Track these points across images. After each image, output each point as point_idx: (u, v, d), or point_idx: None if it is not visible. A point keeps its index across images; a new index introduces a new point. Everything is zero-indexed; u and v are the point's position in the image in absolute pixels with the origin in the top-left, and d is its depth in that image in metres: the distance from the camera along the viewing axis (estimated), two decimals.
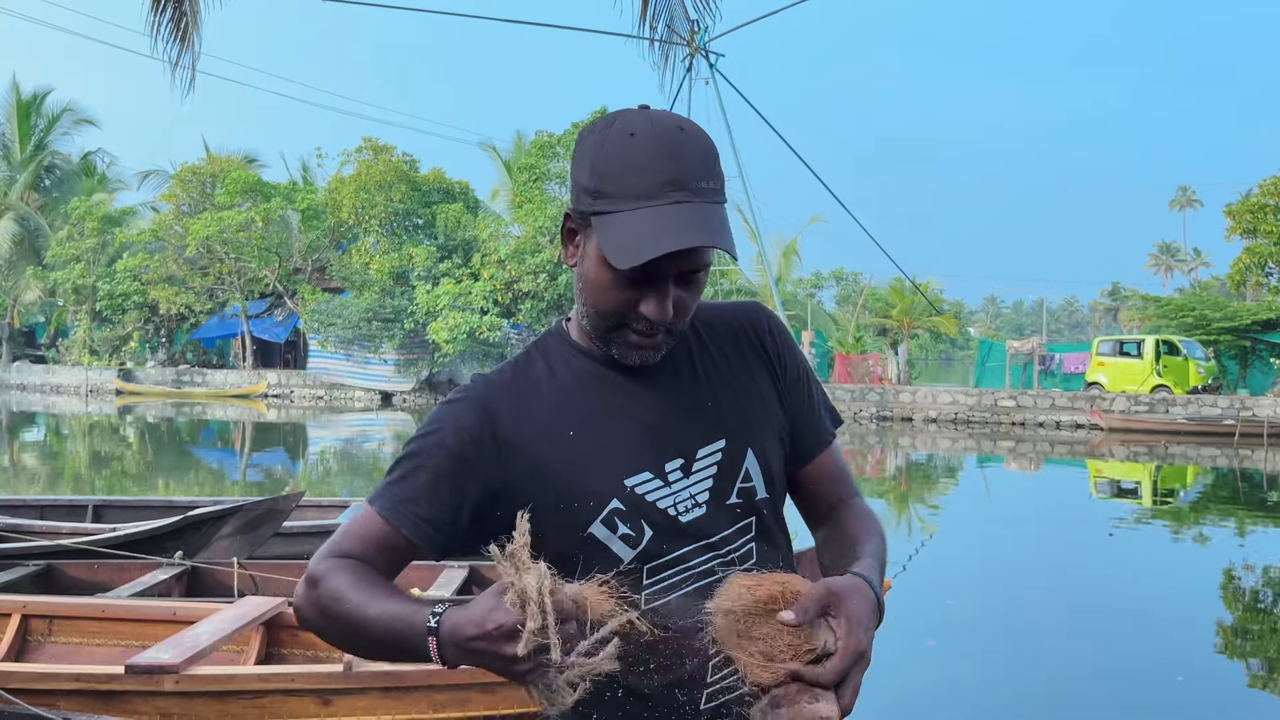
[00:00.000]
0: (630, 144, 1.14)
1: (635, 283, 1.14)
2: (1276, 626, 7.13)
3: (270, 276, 33.80)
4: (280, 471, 16.78)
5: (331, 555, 1.18)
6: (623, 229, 1.11)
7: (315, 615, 1.16)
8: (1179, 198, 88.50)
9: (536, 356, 1.29)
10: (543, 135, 32.51)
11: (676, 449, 1.24)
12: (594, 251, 1.16)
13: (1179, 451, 20.24)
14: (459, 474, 1.20)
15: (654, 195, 1.11)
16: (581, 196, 1.17)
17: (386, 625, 1.09)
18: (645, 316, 1.15)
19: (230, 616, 4.42)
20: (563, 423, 1.23)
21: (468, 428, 1.21)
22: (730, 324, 1.33)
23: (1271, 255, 23.99)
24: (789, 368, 1.34)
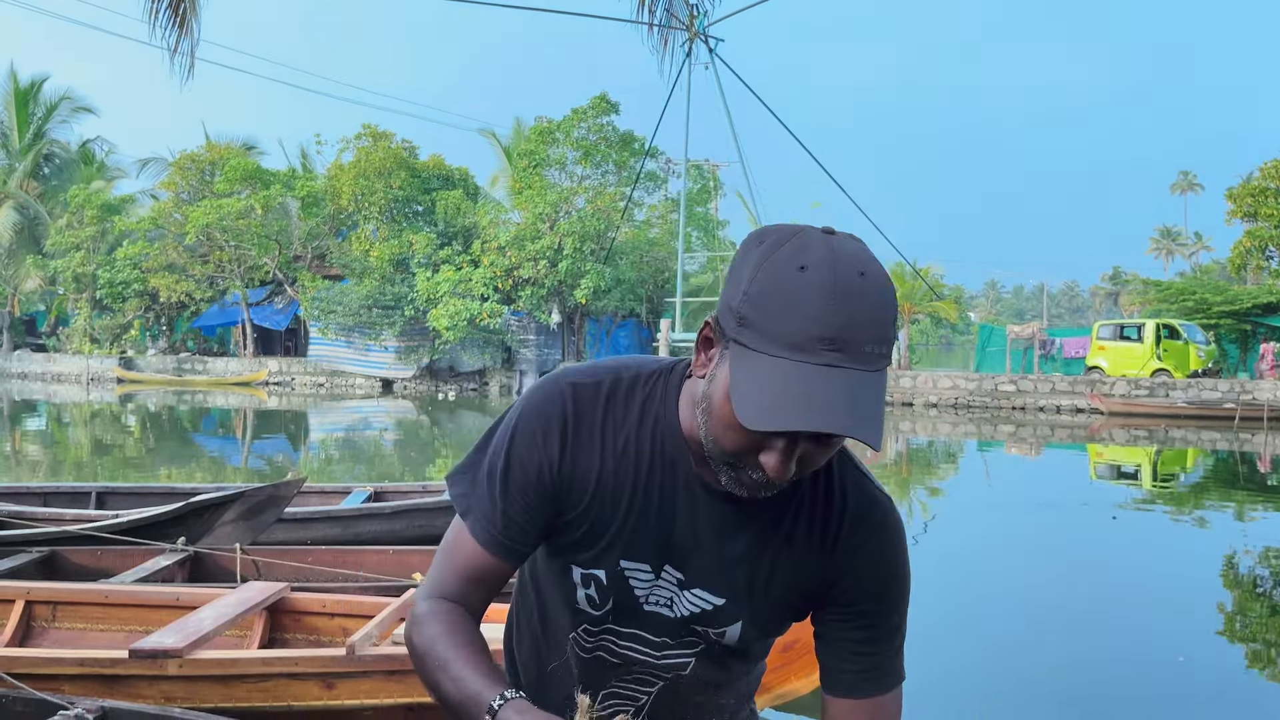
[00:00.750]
0: (797, 279, 0.97)
1: (762, 433, 1.01)
2: (1277, 609, 7.15)
3: (270, 264, 33.77)
4: (282, 459, 16.81)
5: (432, 596, 1.21)
6: (760, 379, 0.97)
7: (412, 653, 1.21)
8: (1180, 181, 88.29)
9: (638, 395, 1.18)
10: (542, 121, 32.42)
11: (686, 568, 1.19)
12: (724, 382, 1.02)
13: (1179, 435, 20.27)
14: (540, 500, 1.18)
15: (805, 349, 0.96)
16: (727, 315, 1.02)
17: (456, 692, 1.12)
18: (763, 469, 1.03)
19: (233, 601, 4.44)
20: (614, 481, 1.17)
21: (552, 458, 1.16)
22: (836, 506, 1.17)
23: (1272, 239, 23.95)
24: (858, 587, 1.17)
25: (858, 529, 1.16)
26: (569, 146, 31.52)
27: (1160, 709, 5.02)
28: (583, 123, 31.40)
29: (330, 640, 4.60)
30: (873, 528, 1.16)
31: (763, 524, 1.16)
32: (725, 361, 1.02)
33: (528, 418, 1.18)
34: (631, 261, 31.75)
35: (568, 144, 31.47)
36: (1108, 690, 5.25)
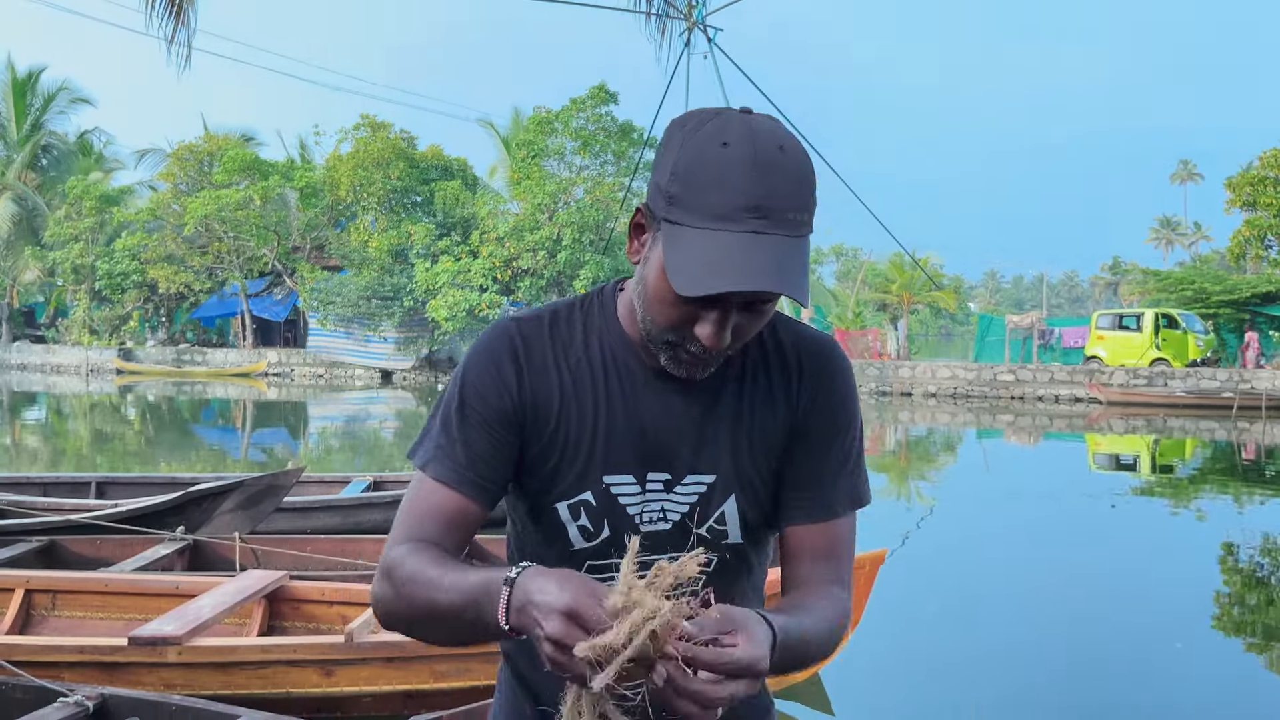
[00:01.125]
0: (720, 154, 1.03)
1: (695, 304, 1.07)
2: (1273, 597, 7.17)
3: (269, 255, 33.75)
4: (281, 449, 16.83)
5: (403, 541, 1.14)
6: (690, 250, 1.03)
7: (392, 601, 1.11)
8: (1180, 171, 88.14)
9: (578, 319, 1.23)
10: (541, 111, 32.35)
11: (666, 464, 1.20)
12: (658, 261, 1.07)
13: (1177, 425, 20.29)
14: (505, 430, 1.17)
15: (731, 219, 1.01)
16: (656, 196, 1.08)
17: (464, 590, 1.03)
18: (699, 340, 1.08)
19: (232, 589, 4.46)
20: (575, 397, 1.19)
21: (509, 385, 1.18)
22: (789, 355, 1.24)
23: (1271, 228, 23.94)
24: (816, 419, 1.23)
25: (814, 369, 1.24)
26: (568, 136, 31.45)
27: (1159, 697, 5.04)
28: (581, 113, 31.34)
29: (329, 628, 4.62)
30: (825, 365, 1.24)
31: (729, 395, 1.21)
32: (657, 242, 1.08)
33: (477, 358, 1.20)
34: None
35: (566, 134, 31.41)
36: (1103, 672, 5.27)
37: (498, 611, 0.98)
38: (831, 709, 4.80)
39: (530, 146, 31.63)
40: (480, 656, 3.97)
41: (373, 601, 1.14)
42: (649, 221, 1.11)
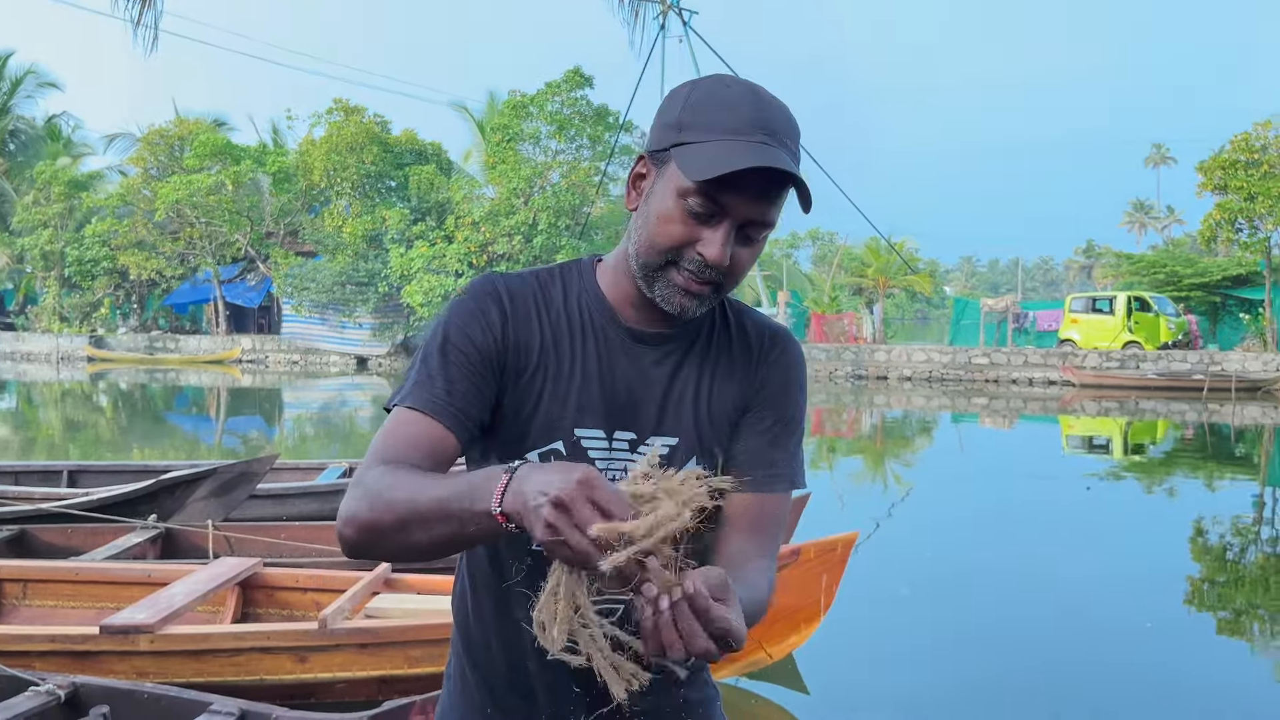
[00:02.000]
0: (725, 90, 1.16)
1: (700, 220, 1.14)
2: (1242, 576, 7.29)
3: (242, 240, 33.42)
4: (256, 436, 16.72)
5: (379, 463, 1.11)
6: (706, 151, 1.11)
7: (365, 511, 1.06)
8: (1153, 154, 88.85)
9: (558, 279, 1.29)
10: (515, 95, 32.16)
11: (633, 423, 1.24)
12: (665, 183, 1.16)
13: (1149, 407, 20.52)
14: (486, 370, 1.20)
15: (741, 131, 1.12)
16: (665, 133, 1.17)
17: (453, 483, 1.01)
18: (702, 256, 1.14)
19: (205, 577, 4.44)
20: (554, 348, 1.23)
21: (493, 325, 1.22)
22: (751, 336, 1.32)
23: (1241, 211, 24.17)
24: (768, 400, 1.29)
25: (772, 348, 1.31)
26: (543, 120, 31.29)
27: (1129, 677, 5.12)
28: (556, 96, 31.17)
29: (303, 614, 4.61)
30: (782, 346, 1.32)
31: (694, 363, 1.27)
32: (663, 173, 1.16)
33: (462, 302, 1.23)
34: (607, 236, 31.66)
35: (541, 118, 31.24)
36: (1073, 652, 5.35)
37: (493, 496, 0.95)
38: (805, 688, 4.84)
39: (505, 130, 31.44)
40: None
41: (342, 522, 1.09)
42: (651, 165, 1.19)
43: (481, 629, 1.29)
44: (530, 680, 1.26)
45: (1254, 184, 23.77)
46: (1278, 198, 23.27)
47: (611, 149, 31.15)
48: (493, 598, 1.27)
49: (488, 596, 1.28)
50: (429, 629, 3.94)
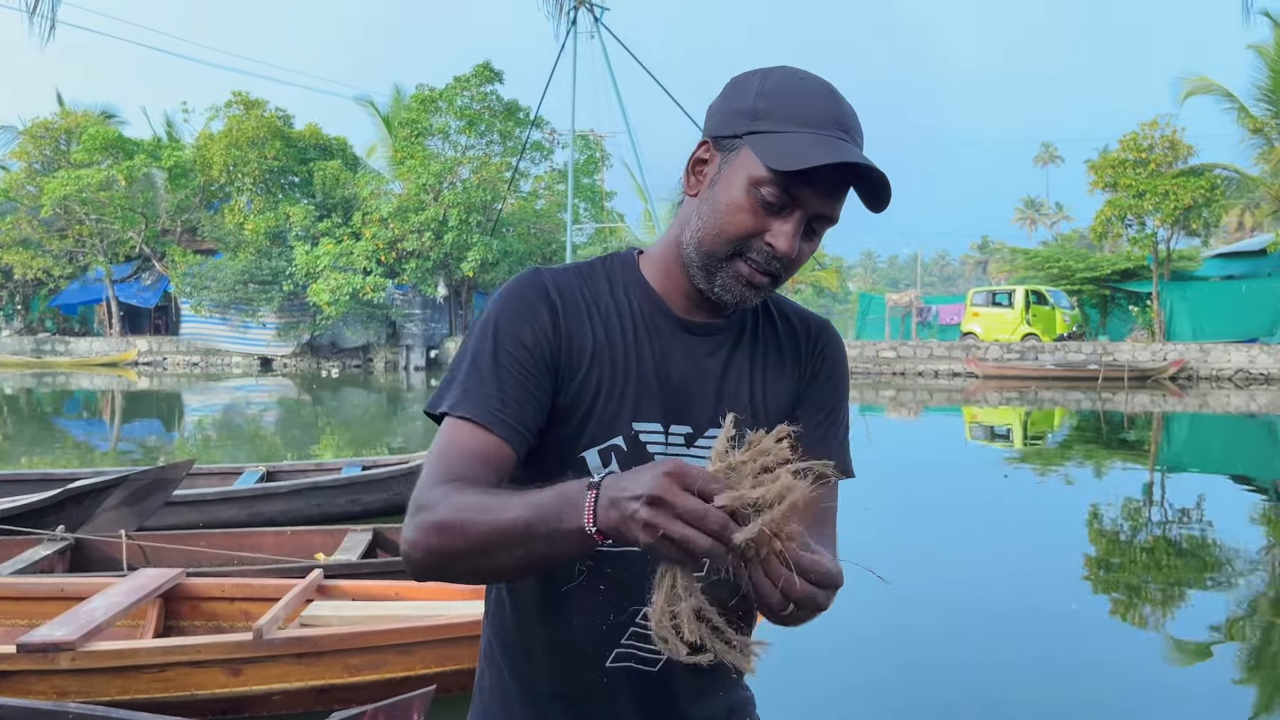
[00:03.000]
0: (801, 82, 1.15)
1: (771, 210, 1.12)
2: (1135, 557, 7.59)
3: (136, 238, 32.15)
4: (155, 441, 16.07)
5: (439, 482, 1.06)
6: (786, 143, 1.09)
7: (433, 538, 1.02)
8: (1042, 154, 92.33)
9: (601, 272, 1.25)
10: (424, 89, 31.65)
11: (689, 418, 1.21)
12: (735, 171, 1.13)
13: (1048, 396, 21.30)
14: (540, 373, 1.15)
15: (820, 126, 1.11)
16: (735, 119, 1.14)
17: (535, 504, 0.97)
18: (771, 246, 1.12)
19: (125, 590, 4.24)
20: (609, 343, 1.20)
21: (544, 324, 1.17)
22: (797, 326, 1.31)
23: (1131, 207, 25.27)
24: (818, 390, 1.29)
25: (820, 337, 1.31)
26: (452, 115, 30.87)
27: (1057, 660, 5.27)
28: (466, 91, 30.79)
29: (230, 625, 4.44)
30: (829, 336, 1.33)
31: (745, 353, 1.26)
32: (732, 160, 1.14)
33: (510, 302, 1.18)
34: (519, 233, 31.42)
35: (450, 113, 30.82)
36: (1001, 645, 5.49)
37: (584, 514, 0.92)
38: None
39: (413, 125, 30.94)
40: (395, 649, 3.88)
41: (410, 545, 1.04)
42: (716, 151, 1.16)
43: (524, 639, 1.24)
44: (582, 690, 1.21)
45: (1142, 182, 24.88)
46: (1164, 195, 24.39)
47: (523, 145, 30.90)
48: (538, 607, 1.22)
49: (531, 605, 1.23)
50: (369, 636, 3.83)
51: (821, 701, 4.60)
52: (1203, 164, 25.58)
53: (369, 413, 20.37)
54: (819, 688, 4.76)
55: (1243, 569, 6.98)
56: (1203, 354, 24.34)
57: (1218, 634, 5.48)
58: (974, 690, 4.75)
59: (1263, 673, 5.03)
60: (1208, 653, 5.21)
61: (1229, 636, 5.51)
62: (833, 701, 4.62)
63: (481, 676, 1.29)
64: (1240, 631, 5.63)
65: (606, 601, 1.19)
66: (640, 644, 1.20)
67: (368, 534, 5.77)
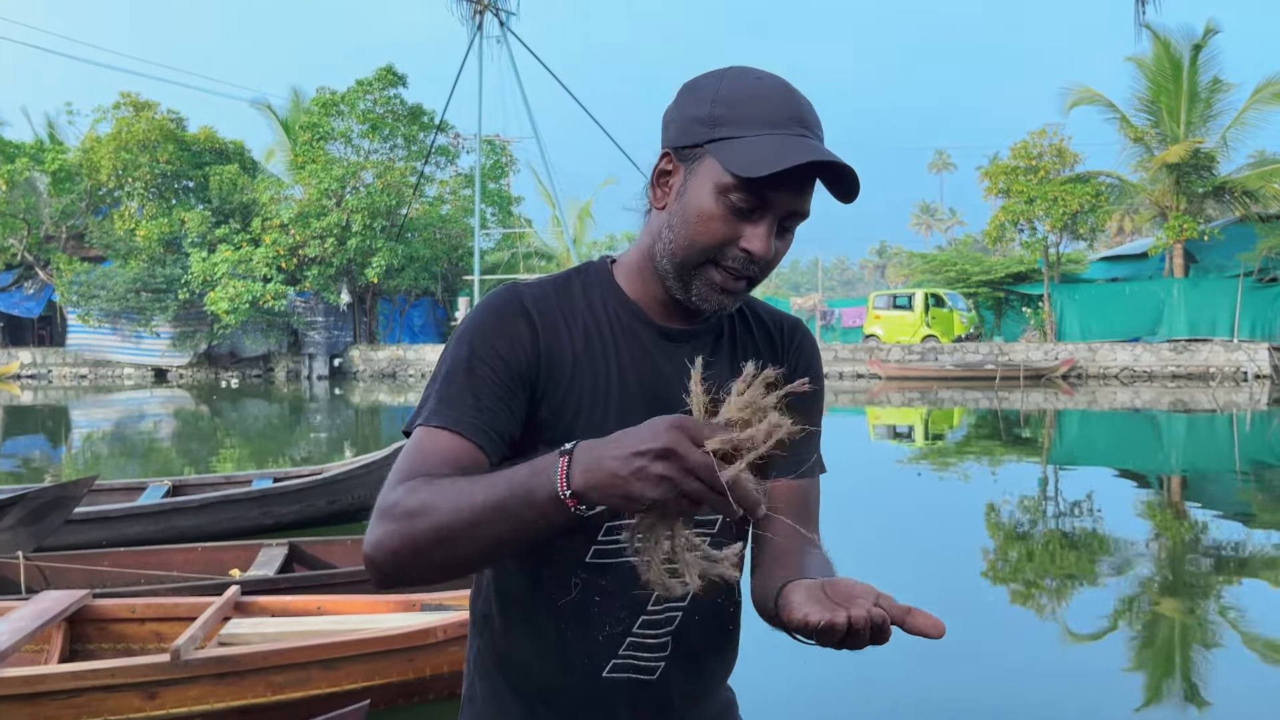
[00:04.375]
0: (757, 83, 1.14)
1: (742, 215, 1.11)
2: (1033, 550, 7.89)
3: (17, 245, 30.65)
4: (40, 458, 15.34)
5: (403, 483, 1.03)
6: (750, 149, 1.08)
7: (399, 535, 0.99)
8: (936, 160, 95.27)
9: (575, 284, 1.24)
10: (324, 92, 30.99)
11: None
12: (702, 181, 1.12)
13: (948, 395, 21.98)
14: (517, 386, 1.14)
15: (782, 126, 1.10)
16: (693, 128, 1.13)
17: (503, 481, 0.95)
18: (747, 251, 1.12)
19: (29, 614, 4.06)
20: (588, 355, 1.19)
21: (521, 337, 1.16)
22: (771, 326, 1.32)
23: (1023, 213, 26.28)
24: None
25: (795, 335, 1.33)
26: (354, 119, 30.30)
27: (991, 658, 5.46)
28: (368, 95, 30.26)
29: (143, 648, 4.29)
30: (803, 334, 1.34)
31: (725, 357, 1.26)
32: (697, 170, 1.13)
33: (486, 317, 1.17)
34: (424, 239, 31.00)
35: (353, 116, 30.25)
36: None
37: (555, 480, 0.91)
38: None
39: (314, 129, 30.26)
40: (320, 664, 3.80)
41: (371, 547, 1.01)
42: (679, 161, 1.16)
43: (516, 651, 1.23)
44: (579, 701, 1.21)
45: (1032, 188, 25.90)
46: (1053, 201, 25.44)
47: (429, 149, 30.51)
48: (531, 621, 1.21)
49: (524, 619, 1.22)
50: (293, 653, 3.75)
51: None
52: (1088, 171, 26.81)
53: (272, 424, 19.83)
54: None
55: (1130, 558, 7.33)
56: (1091, 353, 25.46)
57: (1106, 622, 5.76)
58: (881, 683, 4.88)
59: (1151, 657, 5.29)
60: (1100, 639, 5.47)
61: (1118, 625, 5.79)
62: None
63: (472, 687, 1.28)
64: (1129, 619, 5.92)
65: (602, 613, 1.19)
66: (637, 654, 1.20)
67: (284, 548, 5.63)
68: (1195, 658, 5.25)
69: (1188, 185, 25.87)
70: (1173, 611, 5.99)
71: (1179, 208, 26.00)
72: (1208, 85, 26.54)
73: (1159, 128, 26.94)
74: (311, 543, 5.75)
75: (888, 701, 4.59)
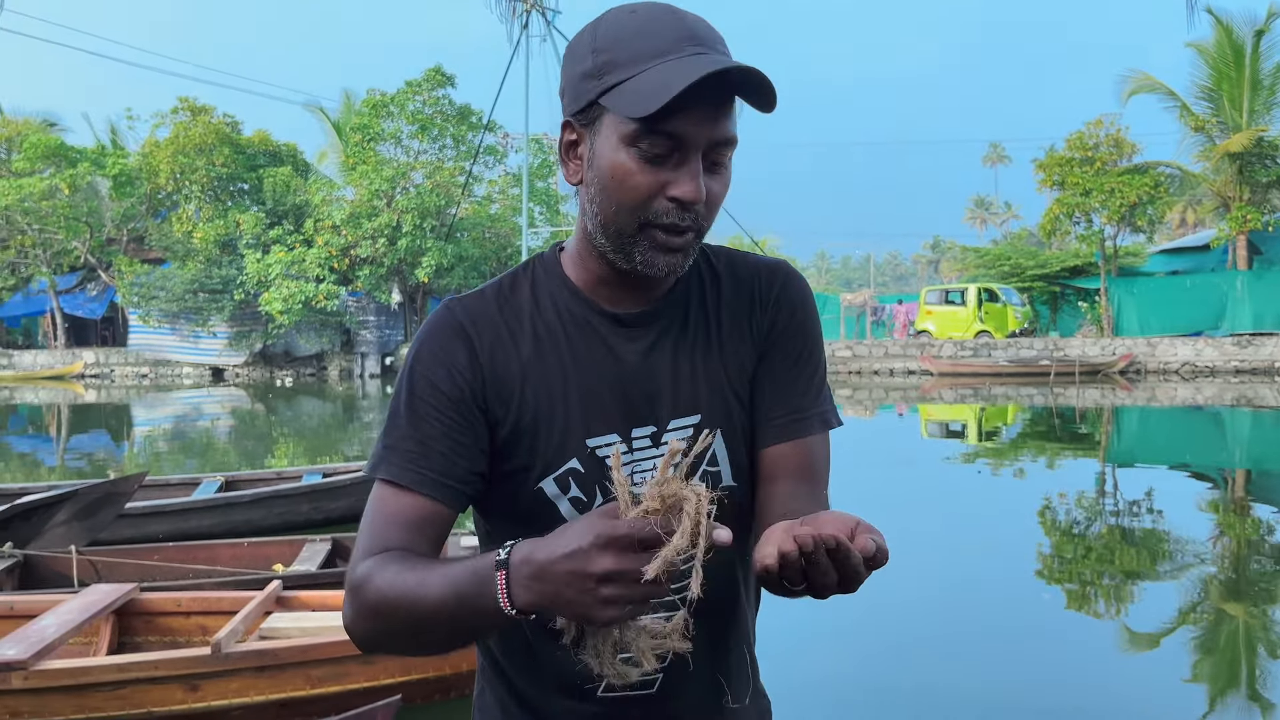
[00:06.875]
0: (631, 16, 1.02)
1: (660, 162, 1.00)
2: (1090, 549, 7.71)
3: (81, 248, 31.47)
4: (104, 455, 15.73)
5: (367, 555, 1.02)
6: (642, 84, 0.97)
7: (368, 621, 1.01)
8: (991, 154, 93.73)
9: (523, 283, 1.15)
10: (374, 94, 31.36)
11: (648, 416, 1.12)
12: (605, 138, 1.02)
13: (1001, 392, 21.60)
14: (463, 418, 1.07)
15: (670, 51, 0.98)
16: (583, 86, 1.03)
17: (450, 587, 0.94)
18: (678, 199, 1.00)
19: (77, 606, 4.13)
20: (539, 363, 1.11)
21: (459, 364, 1.08)
22: (747, 281, 1.19)
23: (1078, 205, 25.73)
24: (781, 342, 1.18)
25: (772, 286, 1.19)
26: (404, 120, 30.63)
27: (1037, 650, 5.34)
28: (417, 95, 30.57)
29: (188, 640, 4.36)
30: (783, 281, 1.20)
31: (697, 330, 1.16)
32: (599, 129, 1.03)
33: (423, 344, 1.11)
34: (474, 238, 31.23)
35: (403, 117, 30.58)
36: (976, 638, 5.55)
37: (498, 599, 0.90)
38: None
39: (365, 130, 30.64)
40: (356, 659, 3.82)
41: (349, 625, 1.03)
42: (580, 126, 1.05)
43: (517, 668, 1.18)
44: (583, 718, 1.16)
45: (1088, 180, 25.35)
46: (1110, 193, 24.87)
47: (477, 149, 30.73)
48: (524, 643, 1.16)
49: (518, 643, 1.17)
50: (330, 647, 3.77)
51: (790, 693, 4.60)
52: (1146, 162, 26.16)
53: (325, 421, 20.11)
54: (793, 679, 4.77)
55: (1191, 558, 7.11)
56: (1150, 348, 24.86)
57: (1167, 623, 5.59)
58: (941, 680, 4.79)
59: (1214, 661, 5.12)
60: (1160, 641, 5.31)
61: (1179, 627, 5.62)
62: (804, 692, 4.64)
63: (482, 694, 1.24)
64: (1191, 621, 5.74)
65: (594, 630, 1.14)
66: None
67: (326, 544, 5.69)
68: (1260, 662, 5.07)
69: (1251, 175, 25.13)
70: (1237, 613, 5.80)
71: (1242, 198, 25.27)
72: (1271, 71, 25.77)
73: (1220, 116, 26.20)
74: (354, 538, 5.79)
75: (937, 701, 4.50)
